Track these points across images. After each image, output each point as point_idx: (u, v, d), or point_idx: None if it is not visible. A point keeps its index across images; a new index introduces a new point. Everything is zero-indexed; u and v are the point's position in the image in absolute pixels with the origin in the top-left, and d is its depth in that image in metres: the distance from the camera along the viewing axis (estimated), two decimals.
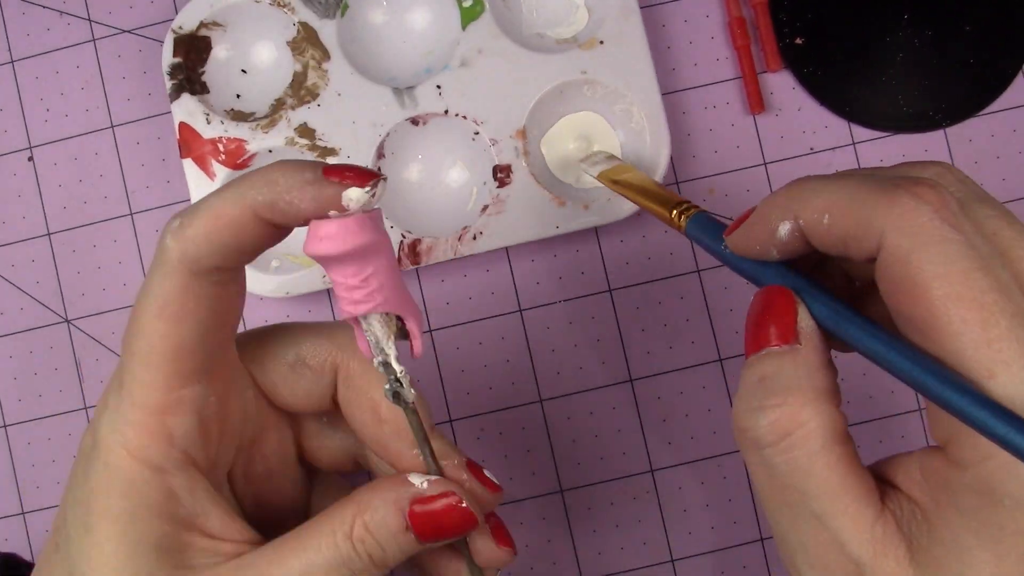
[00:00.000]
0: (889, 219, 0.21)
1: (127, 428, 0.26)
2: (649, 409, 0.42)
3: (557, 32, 0.42)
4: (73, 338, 0.43)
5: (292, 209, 0.25)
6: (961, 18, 0.41)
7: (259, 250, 0.26)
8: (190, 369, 0.26)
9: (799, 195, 0.23)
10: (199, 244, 0.25)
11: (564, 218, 0.40)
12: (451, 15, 0.41)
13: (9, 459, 0.43)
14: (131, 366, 0.26)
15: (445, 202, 0.42)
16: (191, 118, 0.41)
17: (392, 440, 0.29)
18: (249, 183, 0.25)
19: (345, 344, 0.30)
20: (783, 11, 0.42)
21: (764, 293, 0.24)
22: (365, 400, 0.30)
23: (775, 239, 0.24)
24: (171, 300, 0.26)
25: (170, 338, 0.26)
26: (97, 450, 0.27)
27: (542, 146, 0.41)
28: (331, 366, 0.30)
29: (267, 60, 0.42)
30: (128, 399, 0.26)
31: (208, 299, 0.26)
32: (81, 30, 0.44)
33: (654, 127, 0.40)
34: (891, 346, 0.21)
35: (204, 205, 0.25)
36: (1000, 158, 0.41)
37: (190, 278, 0.26)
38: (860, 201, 0.22)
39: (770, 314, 0.24)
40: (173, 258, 0.25)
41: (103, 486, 0.26)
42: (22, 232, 0.44)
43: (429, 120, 0.41)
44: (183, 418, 0.27)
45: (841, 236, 0.22)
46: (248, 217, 0.25)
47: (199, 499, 0.27)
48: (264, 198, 0.25)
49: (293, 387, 0.30)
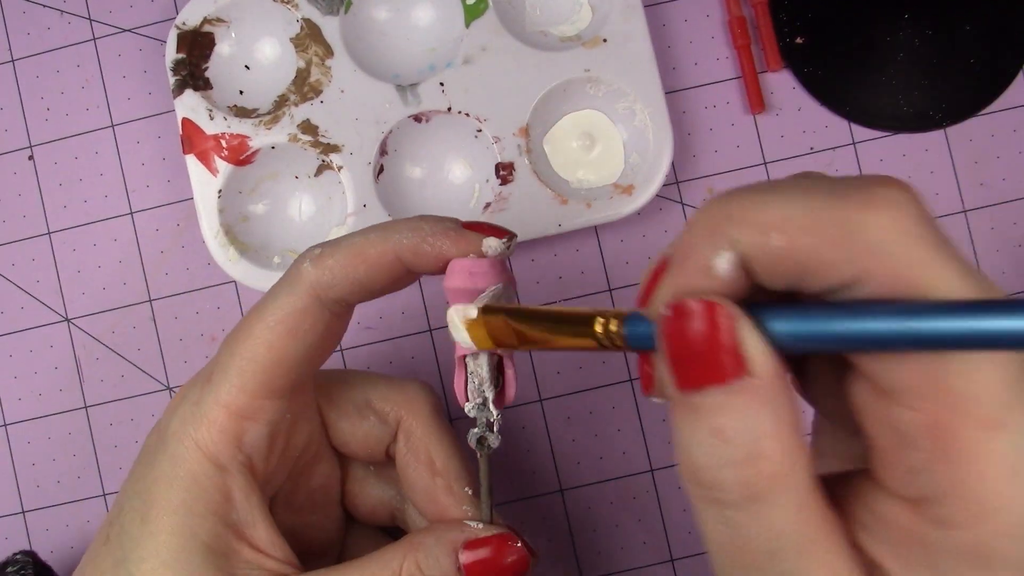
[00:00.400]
0: (874, 234, 0.17)
1: (203, 423, 0.27)
2: (649, 409, 0.42)
3: (560, 30, 0.42)
4: (73, 337, 0.43)
5: (435, 251, 0.27)
6: (962, 18, 0.41)
7: (384, 292, 0.28)
8: (281, 384, 0.28)
9: (730, 212, 0.18)
10: (335, 275, 0.27)
11: (566, 216, 0.40)
12: (455, 12, 0.41)
13: (9, 458, 0.43)
14: (228, 366, 0.27)
15: (447, 199, 0.42)
16: (194, 114, 0.41)
17: (442, 494, 0.31)
18: (395, 228, 0.27)
19: (413, 399, 0.32)
20: (783, 10, 0.42)
21: (685, 312, 0.18)
22: (423, 453, 0.31)
23: (711, 278, 0.18)
24: (290, 317, 0.27)
25: (276, 351, 0.27)
26: (165, 443, 0.28)
27: (545, 144, 0.41)
28: (395, 417, 0.32)
29: (270, 56, 0.42)
30: (213, 395, 0.27)
31: (322, 326, 0.28)
32: (82, 29, 0.44)
33: (657, 125, 0.40)
34: (877, 315, 0.17)
35: (348, 241, 0.28)
36: (1000, 158, 0.41)
37: (314, 302, 0.27)
38: (824, 211, 0.17)
39: (705, 340, 0.18)
40: (306, 280, 0.27)
41: (166, 477, 0.27)
42: (22, 231, 0.44)
43: (432, 117, 0.41)
44: (258, 426, 0.28)
45: (800, 261, 0.18)
46: (389, 258, 0.27)
47: (252, 507, 0.28)
48: (409, 241, 0.27)
49: (355, 429, 0.32)
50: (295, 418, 0.29)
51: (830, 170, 0.42)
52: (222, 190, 0.40)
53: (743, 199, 0.18)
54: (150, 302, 0.43)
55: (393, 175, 0.41)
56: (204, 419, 0.27)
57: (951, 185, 0.41)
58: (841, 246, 0.17)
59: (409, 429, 0.32)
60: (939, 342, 0.16)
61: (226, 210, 0.41)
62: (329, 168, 0.41)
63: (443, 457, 0.31)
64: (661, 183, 0.39)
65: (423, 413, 0.32)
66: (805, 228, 0.17)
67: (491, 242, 0.27)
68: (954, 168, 0.41)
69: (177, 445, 0.27)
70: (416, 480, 0.31)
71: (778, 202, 0.18)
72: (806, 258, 0.17)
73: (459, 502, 0.30)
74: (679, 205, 0.42)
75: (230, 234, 0.41)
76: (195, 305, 0.43)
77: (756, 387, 0.18)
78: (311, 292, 0.27)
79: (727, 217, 0.18)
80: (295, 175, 0.42)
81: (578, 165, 0.41)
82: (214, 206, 0.40)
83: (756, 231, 0.18)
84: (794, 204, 0.17)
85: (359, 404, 0.32)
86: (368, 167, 0.40)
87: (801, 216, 0.17)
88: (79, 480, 0.43)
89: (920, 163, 0.42)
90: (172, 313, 0.43)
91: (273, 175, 0.42)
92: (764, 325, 0.18)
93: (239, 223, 0.41)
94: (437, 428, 0.32)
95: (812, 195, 0.18)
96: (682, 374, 0.18)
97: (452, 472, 0.31)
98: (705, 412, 0.18)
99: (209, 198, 0.40)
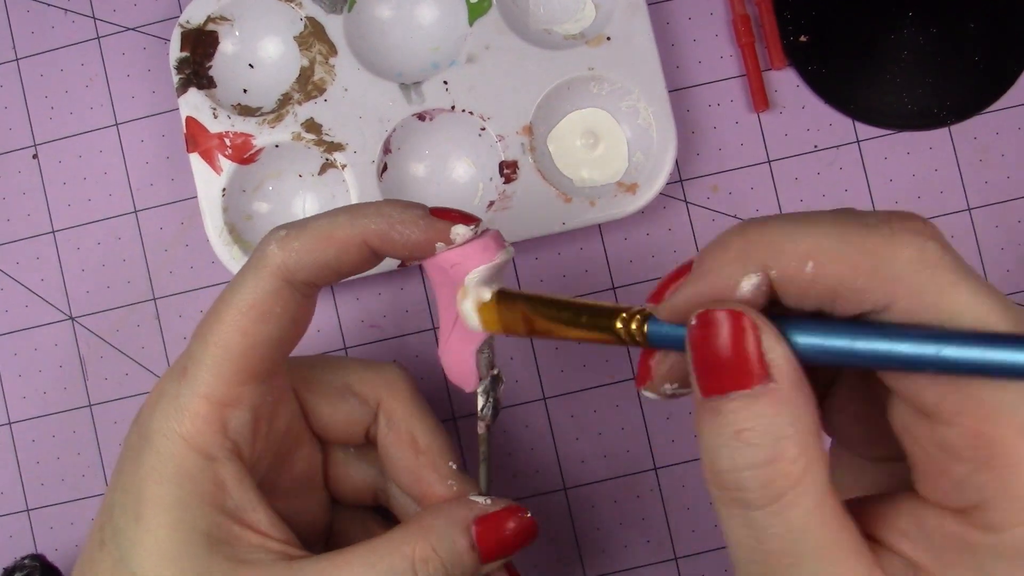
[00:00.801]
0: (902, 264, 0.18)
1: (185, 416, 0.27)
2: (652, 407, 0.42)
3: (564, 28, 0.42)
4: (77, 335, 0.44)
5: (403, 238, 0.27)
6: (966, 16, 0.41)
7: (350, 274, 0.29)
8: (257, 369, 0.28)
9: (767, 240, 0.20)
10: (302, 257, 0.27)
11: (570, 215, 0.40)
12: (458, 11, 0.41)
13: (14, 456, 0.43)
14: (202, 356, 0.27)
15: (451, 197, 0.42)
16: (198, 112, 0.41)
17: (426, 470, 0.31)
18: (362, 212, 0.28)
19: (392, 380, 0.32)
20: (787, 8, 0.42)
21: (713, 321, 0.20)
22: (405, 433, 0.32)
23: (735, 294, 0.20)
24: (260, 301, 0.27)
25: (249, 336, 0.27)
26: (149, 439, 0.27)
27: (548, 142, 0.41)
28: (375, 398, 0.32)
29: (274, 55, 0.42)
30: (191, 388, 0.27)
31: (292, 308, 0.28)
32: (86, 28, 0.44)
33: (661, 124, 0.40)
34: (902, 337, 0.18)
35: (314, 223, 0.28)
36: (1005, 156, 0.41)
37: (283, 285, 0.27)
38: (855, 243, 0.19)
39: (731, 347, 0.19)
40: (272, 263, 0.27)
41: (155, 474, 0.27)
42: (27, 229, 0.44)
43: (436, 116, 0.41)
44: (240, 412, 0.28)
45: (831, 287, 0.19)
46: (356, 242, 0.27)
47: (247, 492, 0.28)
48: (378, 226, 0.27)
49: (335, 412, 0.32)
50: (275, 402, 0.29)
51: (834, 168, 0.42)
52: (226, 188, 0.40)
53: (780, 228, 0.20)
54: (154, 300, 0.43)
55: (397, 173, 0.41)
56: (186, 412, 0.27)
57: (955, 183, 0.41)
58: (872, 275, 0.18)
59: (390, 410, 0.32)
60: (967, 368, 0.18)
61: (230, 208, 0.41)
62: (333, 166, 0.41)
63: (426, 435, 0.32)
64: (665, 182, 0.39)
65: (403, 393, 0.32)
66: (838, 258, 0.19)
67: (459, 229, 0.27)
68: (958, 166, 0.41)
69: (162, 441, 0.27)
70: (400, 459, 0.31)
71: (813, 233, 0.19)
72: (838, 285, 0.19)
73: (444, 478, 0.31)
74: (683, 203, 0.42)
75: (234, 232, 0.41)
76: (199, 303, 0.43)
77: (778, 392, 0.19)
78: (278, 274, 0.27)
79: (764, 244, 0.20)
80: (299, 174, 0.42)
81: (582, 163, 0.41)
82: (218, 204, 0.40)
83: (792, 259, 0.19)
84: (828, 236, 0.19)
85: (339, 387, 0.32)
86: (372, 165, 0.40)
87: (835, 247, 0.19)
88: (83, 478, 0.43)
89: (924, 161, 0.41)
90: (176, 311, 0.43)
91: (277, 174, 0.42)
92: (787, 335, 0.19)
93: (243, 221, 0.41)
94: (418, 407, 0.32)
95: (844, 227, 0.19)
96: (708, 380, 0.19)
97: (435, 449, 0.31)
98: (729, 416, 0.19)
99: (213, 197, 0.40)
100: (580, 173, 0.41)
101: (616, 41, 0.40)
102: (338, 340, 0.43)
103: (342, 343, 0.43)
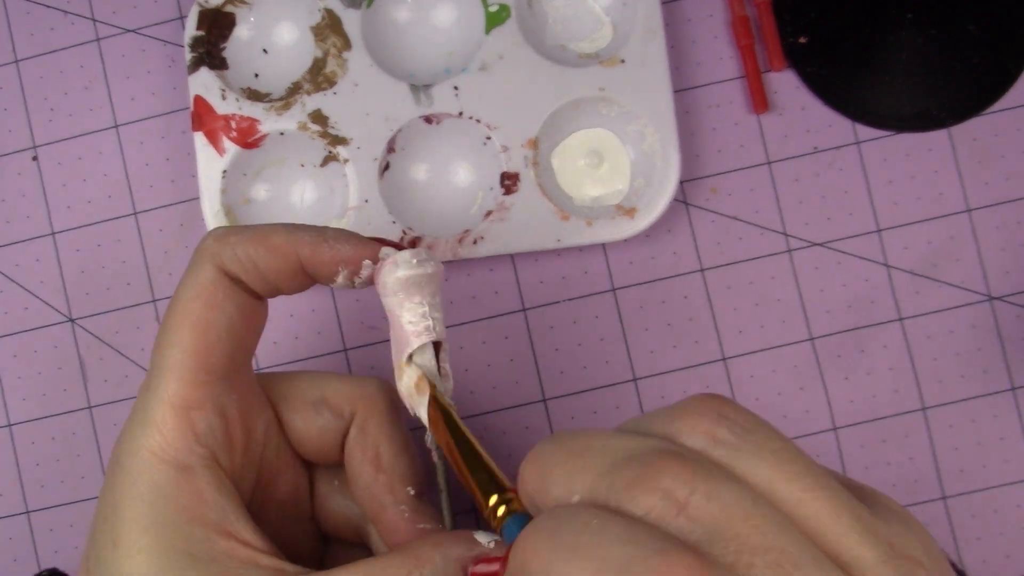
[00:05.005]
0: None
1: (151, 429, 0.27)
2: (653, 408, 0.42)
3: (580, 47, 0.42)
4: (77, 337, 0.44)
5: (332, 251, 0.28)
6: (965, 17, 0.41)
7: (279, 286, 0.29)
8: (214, 362, 0.28)
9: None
10: (236, 251, 0.28)
11: (566, 232, 0.40)
12: (476, 18, 0.41)
13: (13, 458, 0.43)
14: (161, 364, 0.27)
15: (449, 203, 0.42)
16: (207, 92, 0.41)
17: (382, 490, 0.30)
18: (299, 227, 0.29)
19: (370, 394, 0.32)
20: (787, 10, 0.42)
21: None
22: (371, 448, 0.31)
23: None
24: (203, 290, 0.28)
25: (199, 327, 0.27)
26: (119, 462, 0.27)
27: (552, 158, 0.41)
28: (350, 412, 0.31)
29: (289, 42, 0.42)
30: (155, 396, 0.27)
31: (235, 297, 0.28)
32: (85, 30, 0.44)
33: (665, 151, 0.40)
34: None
35: (253, 228, 0.29)
36: (1005, 157, 0.41)
37: (221, 275, 0.28)
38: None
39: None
40: (208, 254, 0.28)
41: (128, 496, 0.26)
42: (26, 231, 0.44)
43: (442, 120, 0.41)
44: (206, 414, 0.27)
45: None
46: (288, 250, 0.28)
47: (228, 500, 0.27)
48: (311, 239, 0.28)
49: (309, 425, 0.31)
50: (246, 407, 0.29)
51: (833, 169, 0.42)
52: (227, 171, 0.41)
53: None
54: (154, 302, 0.43)
55: (398, 173, 0.41)
56: (151, 425, 0.27)
57: (955, 184, 0.41)
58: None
59: (363, 422, 0.31)
60: None
61: (228, 190, 0.41)
62: (335, 160, 0.41)
63: (391, 455, 0.31)
64: (663, 209, 0.39)
65: (378, 407, 0.31)
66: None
67: (388, 251, 0.29)
68: (958, 167, 0.41)
69: (132, 459, 0.26)
70: (359, 474, 0.31)
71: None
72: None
73: (398, 502, 0.30)
74: (682, 205, 0.42)
75: (230, 215, 0.41)
76: None
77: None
78: (214, 263, 0.28)
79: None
80: (301, 163, 0.42)
81: (583, 182, 0.41)
82: (217, 186, 0.40)
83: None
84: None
85: (314, 400, 0.31)
86: (374, 163, 0.40)
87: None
88: (83, 480, 0.43)
89: (924, 162, 0.41)
90: None
91: (279, 161, 0.42)
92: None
93: (240, 205, 0.41)
94: (390, 425, 0.31)
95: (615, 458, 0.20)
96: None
97: (397, 471, 0.31)
98: None
99: (213, 177, 0.40)
100: (580, 192, 0.41)
101: (630, 64, 0.40)
102: (338, 341, 0.43)
103: (342, 344, 0.43)
